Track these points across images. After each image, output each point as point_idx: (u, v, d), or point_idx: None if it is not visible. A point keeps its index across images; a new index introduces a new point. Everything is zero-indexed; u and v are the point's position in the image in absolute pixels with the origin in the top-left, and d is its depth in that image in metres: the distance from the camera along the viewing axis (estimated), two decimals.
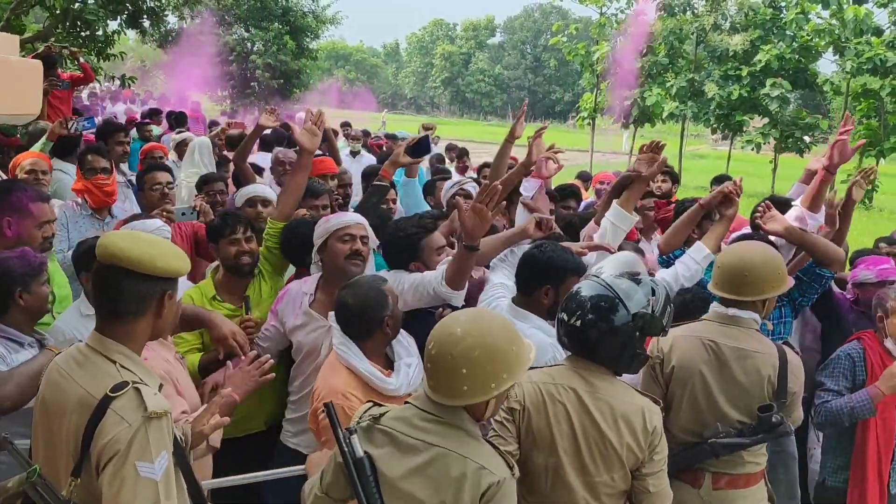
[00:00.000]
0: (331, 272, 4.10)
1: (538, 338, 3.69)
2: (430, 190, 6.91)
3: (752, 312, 3.70)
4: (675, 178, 7.57)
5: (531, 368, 2.89)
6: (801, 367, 3.68)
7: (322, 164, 6.20)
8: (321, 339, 3.96)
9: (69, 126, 6.85)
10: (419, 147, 5.17)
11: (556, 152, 5.03)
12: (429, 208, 6.07)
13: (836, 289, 5.22)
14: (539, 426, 3.01)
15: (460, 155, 12.71)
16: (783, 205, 4.88)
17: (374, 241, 4.29)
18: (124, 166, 7.90)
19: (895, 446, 4.35)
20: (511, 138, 5.22)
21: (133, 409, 2.37)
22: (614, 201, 4.51)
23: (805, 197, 4.68)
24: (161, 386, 2.62)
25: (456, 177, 7.89)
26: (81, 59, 9.96)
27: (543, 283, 3.81)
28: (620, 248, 4.51)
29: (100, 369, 2.48)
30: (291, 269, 4.76)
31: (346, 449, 2.52)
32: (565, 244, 4.15)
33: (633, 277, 3.13)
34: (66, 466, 2.45)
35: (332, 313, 3.61)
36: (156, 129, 12.30)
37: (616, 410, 2.97)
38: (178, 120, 12.92)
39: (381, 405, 2.70)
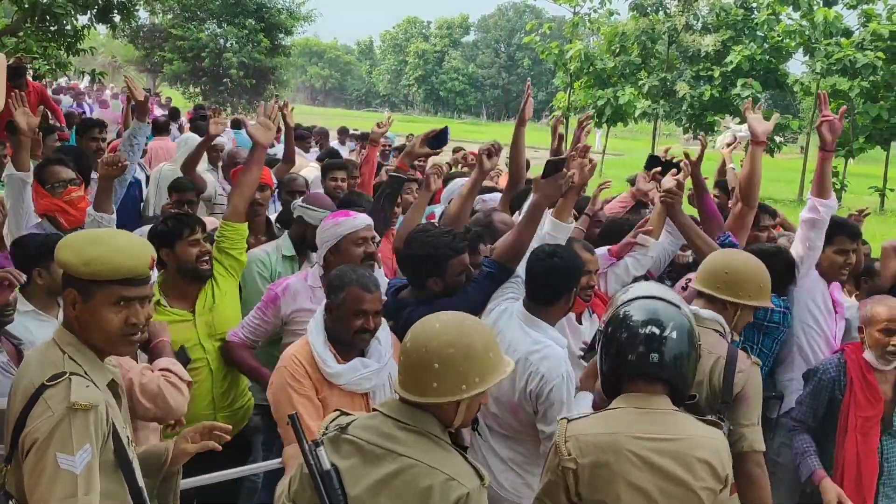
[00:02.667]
0: None
1: (554, 350, 3.71)
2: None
3: (717, 314, 3.63)
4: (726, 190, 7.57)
5: (579, 418, 2.78)
6: (755, 375, 3.48)
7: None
8: None
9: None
10: (438, 138, 4.98)
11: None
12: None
13: None
14: (602, 488, 2.66)
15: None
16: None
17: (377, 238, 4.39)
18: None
19: (878, 466, 4.23)
20: (522, 122, 5.29)
21: (60, 398, 2.34)
22: (548, 212, 4.25)
23: (813, 186, 4.75)
24: (113, 382, 2.58)
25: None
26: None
27: (569, 288, 3.83)
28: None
29: (48, 358, 2.47)
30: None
31: (311, 462, 2.47)
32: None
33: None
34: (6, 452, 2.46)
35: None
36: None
37: (692, 454, 2.64)
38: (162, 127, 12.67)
39: (348, 414, 2.65)
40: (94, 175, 5.92)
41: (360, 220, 4.22)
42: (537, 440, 3.77)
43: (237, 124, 14.45)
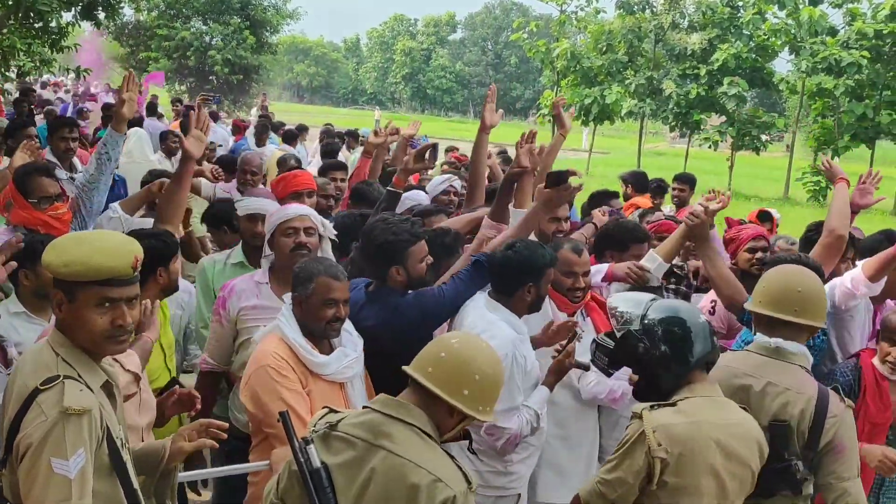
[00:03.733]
0: (281, 264, 4.12)
1: (504, 331, 3.75)
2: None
3: (802, 346, 3.26)
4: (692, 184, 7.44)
5: (657, 407, 2.90)
6: (848, 420, 3.16)
7: (298, 179, 5.40)
8: None
9: None
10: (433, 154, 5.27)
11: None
12: None
13: None
14: (687, 473, 2.82)
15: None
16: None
17: (330, 232, 4.32)
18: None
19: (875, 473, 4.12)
20: (484, 129, 5.12)
21: (53, 403, 2.33)
22: (510, 205, 4.37)
23: (870, 264, 4.33)
24: (108, 384, 2.56)
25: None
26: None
27: (524, 281, 3.84)
28: None
29: (42, 361, 2.45)
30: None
31: (301, 459, 2.47)
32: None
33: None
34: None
35: (287, 295, 3.65)
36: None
37: (751, 436, 2.93)
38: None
39: (336, 411, 2.66)
40: (62, 175, 5.80)
41: (292, 210, 4.17)
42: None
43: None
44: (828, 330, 4.47)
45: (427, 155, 5.20)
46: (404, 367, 2.63)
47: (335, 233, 4.42)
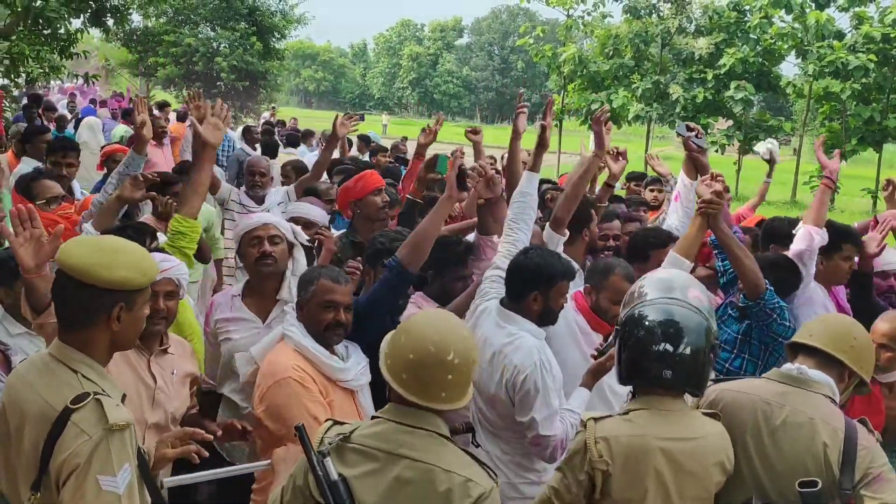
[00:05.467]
0: (250, 275, 4.15)
1: (527, 341, 3.72)
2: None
3: (830, 379, 3.11)
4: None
5: (604, 418, 2.88)
6: (878, 452, 2.96)
7: (375, 177, 5.44)
8: (252, 338, 3.91)
9: None
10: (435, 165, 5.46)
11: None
12: None
13: None
14: (632, 485, 2.80)
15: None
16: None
17: (302, 237, 4.28)
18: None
19: None
20: (517, 136, 5.10)
21: (94, 421, 2.31)
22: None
23: (811, 213, 4.74)
24: (124, 397, 2.54)
25: None
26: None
27: (532, 289, 3.80)
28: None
29: (61, 379, 2.40)
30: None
31: (319, 473, 2.46)
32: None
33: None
34: (25, 479, 2.37)
35: (290, 304, 3.65)
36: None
37: (708, 456, 2.84)
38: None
39: (342, 423, 2.65)
40: None
41: (255, 219, 4.15)
42: (522, 438, 3.77)
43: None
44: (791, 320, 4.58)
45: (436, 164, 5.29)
46: (378, 412, 2.65)
47: (307, 238, 4.39)
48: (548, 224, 4.62)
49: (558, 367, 3.83)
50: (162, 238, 4.35)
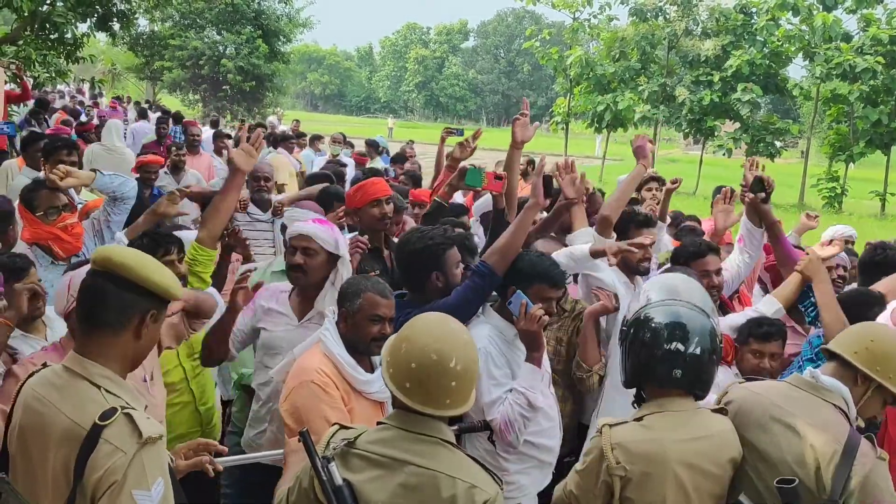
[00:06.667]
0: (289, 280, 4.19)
1: (479, 330, 3.79)
2: None
3: (844, 387, 2.93)
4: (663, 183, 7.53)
5: (618, 424, 2.85)
6: (881, 472, 2.76)
7: (376, 187, 5.14)
8: (284, 333, 3.98)
9: None
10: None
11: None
12: None
13: None
14: (651, 489, 2.76)
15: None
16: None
17: (342, 250, 4.25)
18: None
19: None
20: (516, 144, 4.99)
21: (127, 435, 2.26)
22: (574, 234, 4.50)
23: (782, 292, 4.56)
24: (146, 407, 2.51)
25: None
26: (24, 77, 9.82)
27: (509, 284, 3.80)
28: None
29: (84, 395, 2.35)
30: None
31: (324, 478, 2.44)
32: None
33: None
34: (50, 499, 2.33)
35: (331, 308, 3.66)
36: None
37: (723, 452, 2.83)
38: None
39: (348, 428, 2.63)
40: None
41: (294, 228, 4.14)
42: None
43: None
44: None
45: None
46: (383, 419, 2.64)
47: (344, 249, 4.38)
48: (594, 228, 4.64)
49: (521, 358, 3.80)
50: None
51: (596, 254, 4.20)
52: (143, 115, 18.50)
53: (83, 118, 17.46)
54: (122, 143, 10.33)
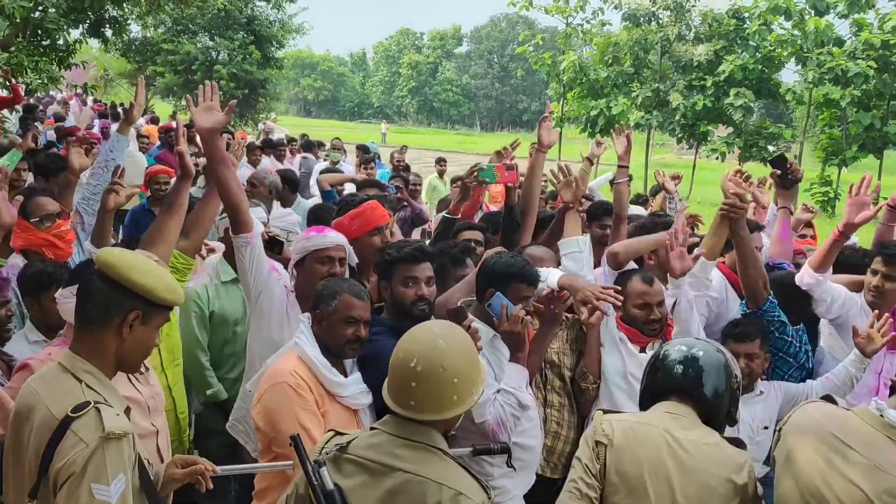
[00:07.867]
0: (304, 289, 4.11)
1: None
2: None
3: None
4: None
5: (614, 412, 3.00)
6: None
7: (377, 213, 4.71)
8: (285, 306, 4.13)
9: None
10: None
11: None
12: None
13: None
14: (626, 467, 2.83)
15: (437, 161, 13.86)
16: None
17: (353, 260, 4.27)
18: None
19: None
20: (542, 148, 5.04)
21: (92, 429, 2.32)
22: (561, 241, 4.46)
23: (817, 257, 4.55)
24: (129, 409, 2.56)
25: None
26: (14, 81, 9.71)
27: (487, 287, 3.81)
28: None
29: (65, 388, 2.43)
30: None
31: (315, 482, 2.46)
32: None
33: None
34: (26, 486, 2.39)
35: (306, 314, 3.66)
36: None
37: (718, 463, 2.80)
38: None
39: (342, 433, 2.65)
40: None
41: (330, 239, 4.13)
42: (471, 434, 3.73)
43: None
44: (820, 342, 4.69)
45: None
46: (376, 423, 2.65)
47: (356, 261, 4.39)
48: (604, 257, 4.66)
49: (503, 359, 3.83)
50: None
51: (562, 287, 4.05)
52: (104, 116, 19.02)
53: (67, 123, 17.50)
54: (133, 147, 10.39)
